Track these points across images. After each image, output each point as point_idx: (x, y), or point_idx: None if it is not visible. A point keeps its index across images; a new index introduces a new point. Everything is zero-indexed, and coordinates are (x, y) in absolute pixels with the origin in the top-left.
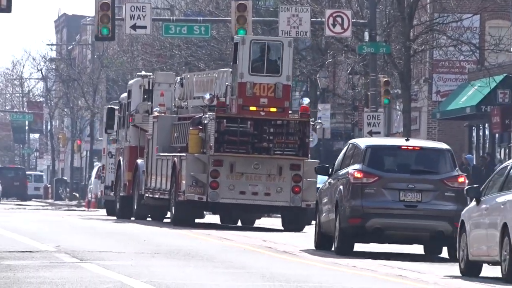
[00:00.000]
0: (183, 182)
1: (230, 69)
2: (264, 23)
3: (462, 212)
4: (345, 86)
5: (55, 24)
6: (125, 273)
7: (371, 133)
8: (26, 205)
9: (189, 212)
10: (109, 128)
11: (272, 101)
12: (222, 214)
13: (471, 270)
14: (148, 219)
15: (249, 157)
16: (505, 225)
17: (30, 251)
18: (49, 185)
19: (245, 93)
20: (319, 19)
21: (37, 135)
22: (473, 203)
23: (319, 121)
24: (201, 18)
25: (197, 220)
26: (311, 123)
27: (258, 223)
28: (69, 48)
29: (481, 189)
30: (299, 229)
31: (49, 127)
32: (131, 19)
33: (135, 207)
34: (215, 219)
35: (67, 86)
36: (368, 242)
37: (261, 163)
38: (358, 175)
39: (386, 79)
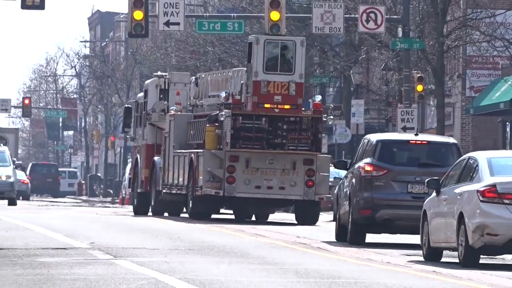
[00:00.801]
0: (200, 177)
1: (245, 68)
2: (297, 20)
3: (424, 203)
4: (379, 82)
5: (89, 21)
6: (159, 270)
7: (404, 129)
8: (59, 202)
9: (206, 206)
10: (127, 126)
11: (286, 98)
12: (238, 208)
13: (432, 256)
14: (165, 214)
15: (264, 152)
16: (461, 215)
17: (64, 248)
18: (83, 182)
19: (260, 91)
20: (353, 15)
21: (71, 132)
22: (434, 194)
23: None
24: (235, 14)
25: (213, 216)
26: (324, 119)
27: (272, 217)
28: (102, 45)
29: (440, 181)
30: (312, 222)
31: (83, 123)
32: (164, 16)
33: (152, 203)
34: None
35: (101, 82)
36: (378, 233)
37: (276, 158)
38: (368, 168)
39: (419, 75)
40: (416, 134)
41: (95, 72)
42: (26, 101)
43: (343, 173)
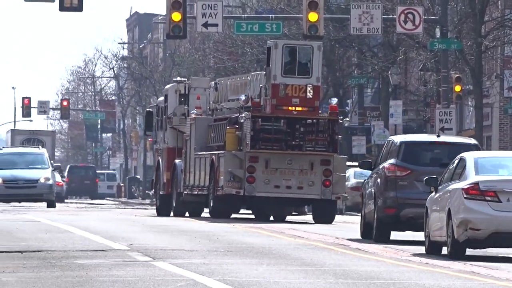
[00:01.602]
0: (221, 177)
1: (264, 72)
2: (335, 21)
3: (427, 199)
4: (417, 83)
5: (127, 22)
6: (198, 271)
7: (443, 130)
8: (98, 204)
9: (226, 205)
10: (148, 130)
11: (303, 101)
12: (258, 207)
13: (433, 249)
14: (186, 215)
15: (282, 153)
16: (449, 211)
17: (102, 250)
18: (122, 184)
19: (278, 93)
20: (391, 16)
21: (109, 134)
22: (433, 191)
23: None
24: (273, 15)
25: (234, 216)
26: (340, 121)
27: (289, 218)
28: (140, 46)
29: (439, 179)
30: (329, 221)
31: (121, 125)
32: (202, 17)
33: (174, 205)
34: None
35: (139, 84)
36: (403, 230)
37: (294, 159)
38: (392, 168)
39: (457, 75)
40: (438, 136)
41: (133, 74)
42: (65, 103)
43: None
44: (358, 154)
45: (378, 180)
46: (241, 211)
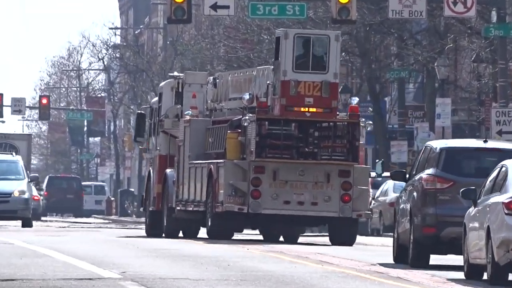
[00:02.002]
0: (221, 191)
1: (271, 67)
2: (370, 2)
3: (465, 215)
4: (469, 77)
5: (119, 4)
6: None
7: (500, 133)
8: (84, 222)
9: (227, 224)
10: (139, 136)
11: (318, 100)
12: (264, 226)
13: (472, 273)
14: (180, 235)
15: (293, 162)
16: (488, 229)
17: (90, 279)
18: (112, 198)
19: (289, 92)
20: None
21: (97, 138)
22: (472, 206)
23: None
24: None
25: (237, 236)
26: (361, 124)
27: (302, 239)
28: (136, 32)
29: (480, 191)
30: (349, 242)
31: (112, 127)
32: None
33: (165, 223)
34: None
35: (134, 78)
36: (444, 254)
37: (307, 170)
38: (431, 180)
39: None
40: (485, 141)
41: (127, 66)
42: (44, 101)
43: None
44: (398, 162)
45: (414, 193)
46: (246, 230)
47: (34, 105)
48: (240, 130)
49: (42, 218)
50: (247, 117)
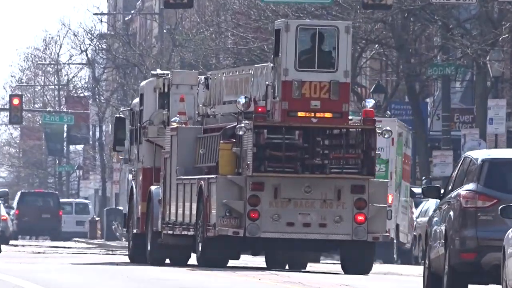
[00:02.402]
0: (213, 212)
1: (271, 64)
2: None
3: (505, 237)
4: None
5: None
6: None
7: None
8: (63, 247)
9: (221, 251)
10: (118, 144)
11: (327, 104)
12: (263, 252)
13: None
14: (166, 261)
15: (298, 177)
16: None
17: None
18: (97, 219)
19: (291, 94)
20: None
21: (80, 146)
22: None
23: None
24: None
25: (234, 262)
26: (378, 131)
27: (311, 266)
28: (126, 19)
29: None
30: (365, 270)
31: (97, 134)
32: None
33: (149, 248)
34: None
35: (124, 74)
36: (485, 284)
37: (314, 185)
38: (471, 197)
39: None
40: None
41: (115, 59)
42: (15, 101)
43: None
44: (442, 176)
45: (451, 213)
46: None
47: (3, 106)
48: (234, 140)
49: (12, 242)
50: (242, 125)
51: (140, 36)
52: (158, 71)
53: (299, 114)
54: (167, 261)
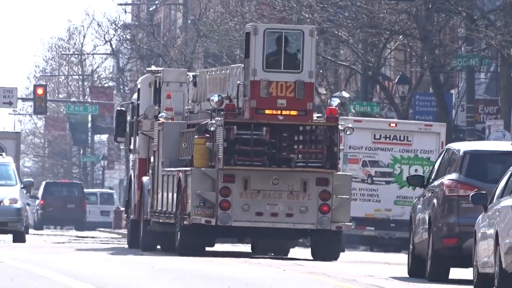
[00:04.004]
0: (189, 202)
1: (243, 65)
2: None
3: (476, 221)
4: None
5: None
6: None
7: None
8: (87, 237)
9: (195, 239)
10: (120, 135)
11: (292, 102)
12: (235, 239)
13: (481, 284)
14: (157, 247)
15: (266, 170)
16: (497, 234)
17: None
18: (122, 209)
19: (259, 93)
20: None
21: (104, 136)
22: (483, 211)
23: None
24: None
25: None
26: (340, 128)
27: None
28: (150, 9)
29: (491, 195)
30: (333, 257)
31: None
32: None
33: (141, 234)
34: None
35: (148, 64)
36: (466, 267)
37: (281, 178)
38: (454, 186)
39: None
40: None
41: (139, 49)
42: (40, 91)
43: None
44: None
45: (434, 200)
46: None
47: (28, 96)
48: (208, 135)
49: (37, 232)
50: (214, 121)
51: (164, 26)
52: (153, 68)
53: (267, 111)
54: (159, 247)
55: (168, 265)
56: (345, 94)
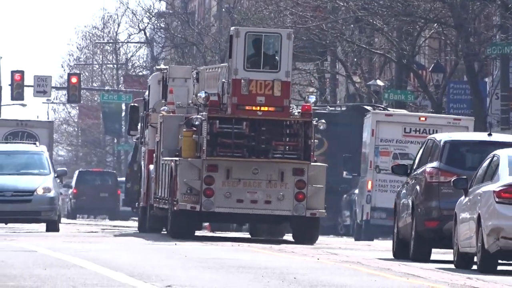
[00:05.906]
0: (178, 189)
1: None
2: None
3: (456, 204)
4: None
5: None
6: None
7: None
8: (121, 226)
9: (184, 223)
10: (133, 129)
11: (270, 99)
12: (218, 224)
13: (462, 262)
14: (163, 231)
15: (246, 161)
16: (479, 217)
17: None
18: None
19: (240, 90)
20: None
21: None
22: (463, 195)
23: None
24: None
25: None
26: (314, 123)
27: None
28: None
29: (471, 181)
30: (310, 241)
31: None
32: None
33: (147, 220)
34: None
35: (182, 53)
36: (446, 248)
37: (261, 168)
38: (435, 173)
39: None
40: (490, 134)
41: (173, 38)
42: (74, 80)
43: None
44: None
45: (417, 187)
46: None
47: (62, 85)
48: (195, 129)
49: (70, 221)
50: (199, 116)
51: (198, 15)
52: (162, 66)
53: (247, 107)
54: (164, 231)
55: (206, 255)
56: (379, 82)
